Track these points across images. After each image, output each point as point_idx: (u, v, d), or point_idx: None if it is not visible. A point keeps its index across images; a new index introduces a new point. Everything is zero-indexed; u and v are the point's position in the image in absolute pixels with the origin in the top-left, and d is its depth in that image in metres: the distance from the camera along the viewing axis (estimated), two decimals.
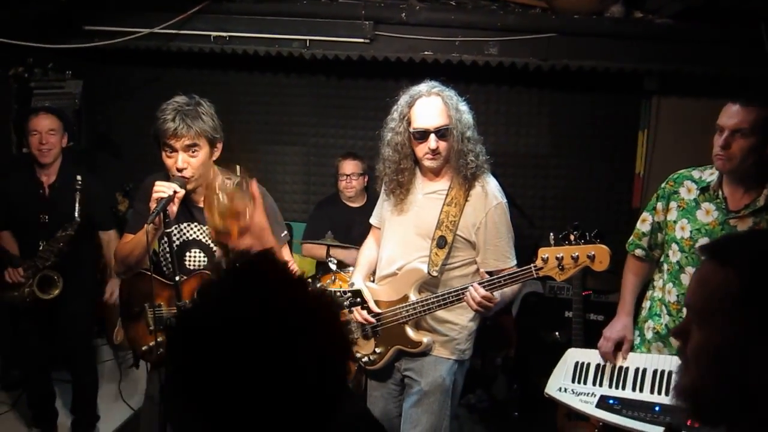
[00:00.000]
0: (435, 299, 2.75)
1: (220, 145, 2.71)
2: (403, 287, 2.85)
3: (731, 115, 2.51)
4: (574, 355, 3.00)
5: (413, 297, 2.81)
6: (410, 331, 2.84)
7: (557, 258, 2.54)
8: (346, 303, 3.05)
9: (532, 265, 2.60)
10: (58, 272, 3.70)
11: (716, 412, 1.13)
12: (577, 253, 2.52)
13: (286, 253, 2.88)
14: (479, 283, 2.64)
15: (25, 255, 3.75)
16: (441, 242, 2.78)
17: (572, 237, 2.57)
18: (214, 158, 2.71)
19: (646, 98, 4.52)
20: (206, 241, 2.76)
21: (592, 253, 2.51)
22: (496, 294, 2.66)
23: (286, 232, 2.89)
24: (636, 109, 4.61)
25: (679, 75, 4.13)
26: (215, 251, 2.74)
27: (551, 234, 2.61)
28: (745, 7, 3.38)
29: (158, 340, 2.73)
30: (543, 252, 2.57)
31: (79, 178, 3.62)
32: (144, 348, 2.80)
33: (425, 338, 2.84)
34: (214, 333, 1.03)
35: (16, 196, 3.79)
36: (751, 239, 1.24)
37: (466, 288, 2.67)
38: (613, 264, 3.09)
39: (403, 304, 2.82)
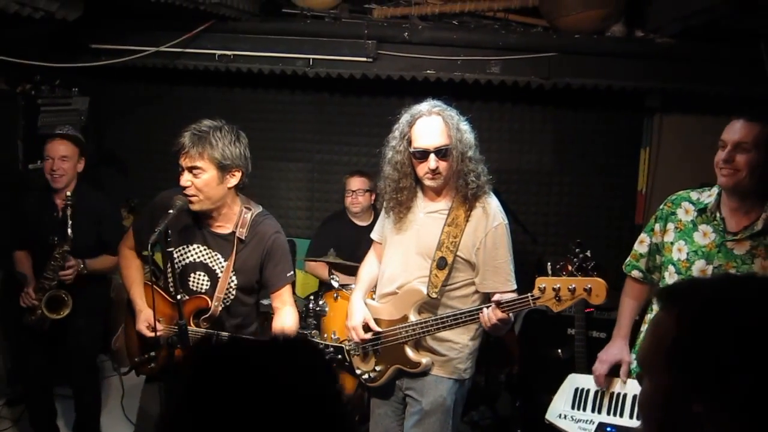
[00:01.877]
0: (434, 321, 2.74)
1: (237, 173, 2.72)
2: (403, 307, 2.84)
3: (734, 130, 2.49)
4: (574, 381, 2.98)
5: (413, 318, 2.80)
6: (410, 352, 2.83)
7: (554, 289, 2.51)
8: (327, 357, 3.10)
9: (529, 294, 2.57)
10: (66, 291, 3.64)
11: None
12: (574, 285, 2.50)
13: (288, 293, 2.88)
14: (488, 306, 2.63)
15: (41, 276, 3.67)
16: (441, 263, 2.77)
17: (570, 267, 2.56)
18: (229, 185, 2.71)
19: (649, 116, 4.55)
20: (212, 265, 2.79)
21: (589, 286, 2.48)
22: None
23: (292, 272, 2.90)
24: (638, 127, 4.64)
25: (680, 93, 4.16)
26: (219, 276, 2.77)
27: (548, 264, 2.60)
28: (745, 27, 3.40)
29: (152, 354, 2.76)
30: (540, 282, 2.54)
31: (68, 193, 3.52)
32: (136, 359, 2.83)
33: (424, 359, 2.82)
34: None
35: (31, 217, 3.78)
36: (699, 287, 1.16)
37: (464, 313, 2.68)
38: (616, 280, 3.12)
39: (403, 325, 2.82)
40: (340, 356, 2.97)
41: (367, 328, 2.91)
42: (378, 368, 2.93)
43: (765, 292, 1.03)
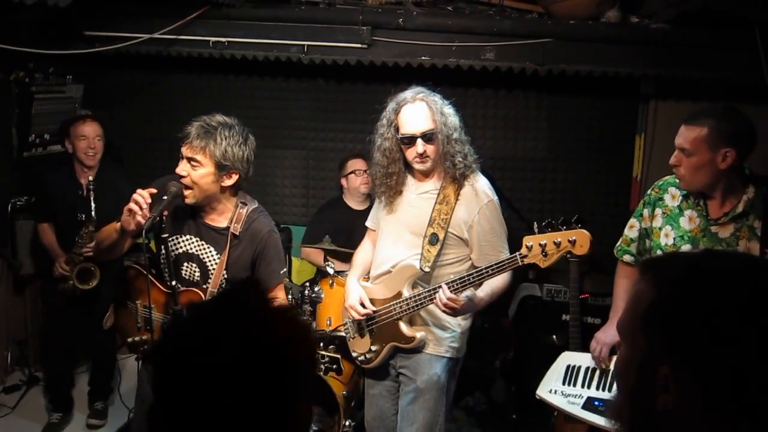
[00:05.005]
0: (427, 293, 2.81)
1: (235, 176, 2.71)
2: (397, 284, 2.91)
3: (678, 134, 2.56)
4: (566, 359, 3.04)
5: (407, 293, 2.87)
6: (404, 327, 2.91)
7: (541, 245, 2.59)
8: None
9: (517, 253, 2.66)
10: (94, 263, 4.00)
11: None
12: (559, 239, 2.58)
13: (281, 291, 2.93)
14: (448, 283, 2.70)
15: (65, 250, 4.13)
16: (433, 239, 2.86)
17: (554, 223, 2.62)
18: (224, 184, 2.71)
19: (643, 102, 4.54)
20: (203, 257, 2.80)
21: (573, 238, 2.56)
22: (465, 294, 2.71)
23: (285, 269, 2.94)
24: (633, 113, 4.63)
25: (675, 79, 4.15)
26: (209, 268, 2.78)
27: (535, 223, 2.66)
28: (739, 13, 3.40)
29: (143, 338, 2.81)
30: (527, 240, 2.62)
31: (90, 178, 3.99)
32: (129, 340, 2.87)
33: (419, 333, 2.90)
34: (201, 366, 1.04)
35: (57, 193, 4.17)
36: (679, 257, 1.19)
37: (455, 281, 2.72)
38: (610, 266, 3.15)
39: (397, 301, 2.89)
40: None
41: (363, 307, 2.98)
42: (374, 348, 3.00)
43: (740, 265, 1.05)
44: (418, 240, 2.89)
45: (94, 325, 4.03)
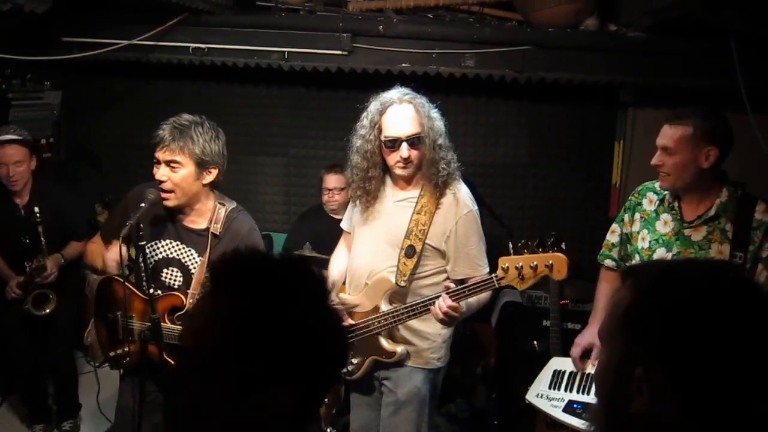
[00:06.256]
0: (405, 309, 2.73)
1: (214, 171, 2.71)
2: (373, 298, 2.83)
3: (661, 134, 2.61)
4: (554, 364, 3.08)
5: (384, 308, 2.79)
6: (384, 342, 2.84)
7: (517, 268, 2.52)
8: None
9: (493, 275, 2.59)
10: (51, 290, 3.84)
11: None
12: (535, 262, 2.51)
13: None
14: (448, 292, 2.63)
15: (15, 271, 3.89)
16: (410, 252, 2.76)
17: (530, 245, 2.58)
18: (205, 182, 2.70)
19: (622, 110, 4.58)
20: (185, 261, 2.77)
21: (550, 262, 2.49)
22: (462, 303, 2.64)
23: None
24: (612, 121, 4.67)
25: (653, 87, 4.20)
26: (192, 271, 2.76)
27: (510, 243, 2.62)
28: (715, 22, 3.44)
29: (126, 350, 2.75)
30: (503, 261, 2.56)
31: (36, 210, 3.68)
32: (111, 354, 2.81)
33: (399, 348, 2.83)
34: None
35: None
36: (657, 264, 1.24)
37: (436, 297, 2.65)
38: (590, 272, 3.17)
39: (375, 315, 2.80)
40: None
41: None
42: (355, 361, 2.93)
43: (712, 273, 1.09)
44: (394, 251, 2.80)
45: (51, 343, 4.03)
